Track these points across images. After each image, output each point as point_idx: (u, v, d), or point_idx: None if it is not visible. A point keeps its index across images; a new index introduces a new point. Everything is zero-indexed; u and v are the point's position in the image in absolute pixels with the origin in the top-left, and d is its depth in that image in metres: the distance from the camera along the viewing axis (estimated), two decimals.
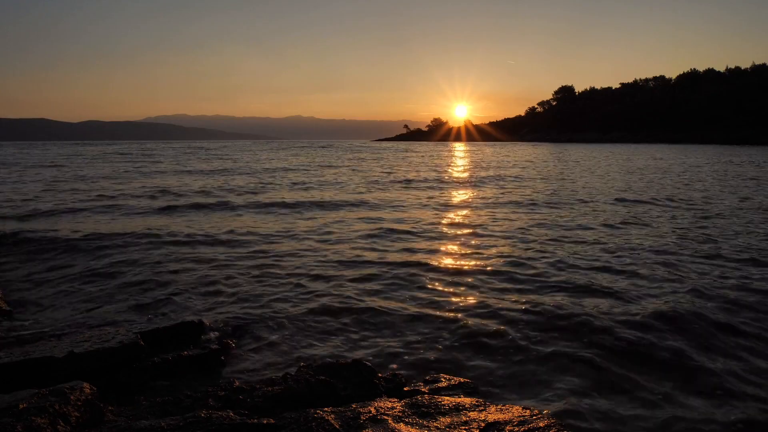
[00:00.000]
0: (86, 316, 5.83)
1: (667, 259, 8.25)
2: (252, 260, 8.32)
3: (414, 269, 7.75)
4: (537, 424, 3.08)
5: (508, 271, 7.63)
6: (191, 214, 13.48)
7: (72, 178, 24.68)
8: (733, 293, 6.48)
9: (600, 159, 43.48)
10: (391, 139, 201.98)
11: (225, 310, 5.99)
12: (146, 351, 4.42)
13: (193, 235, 10.45)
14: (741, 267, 7.83)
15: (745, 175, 25.88)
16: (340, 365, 4.14)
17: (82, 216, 13.00)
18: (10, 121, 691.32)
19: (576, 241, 9.70)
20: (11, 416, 2.92)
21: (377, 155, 55.48)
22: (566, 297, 6.41)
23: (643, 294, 6.53)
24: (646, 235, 10.33)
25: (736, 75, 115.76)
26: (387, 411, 3.26)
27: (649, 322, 5.51)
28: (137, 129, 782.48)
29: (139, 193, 17.97)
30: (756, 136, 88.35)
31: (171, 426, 3.04)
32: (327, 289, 6.77)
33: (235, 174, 27.26)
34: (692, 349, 4.94)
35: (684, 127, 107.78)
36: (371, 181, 23.46)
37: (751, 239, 9.85)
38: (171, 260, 8.32)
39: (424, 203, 15.84)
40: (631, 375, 4.45)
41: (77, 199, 16.28)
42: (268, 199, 16.40)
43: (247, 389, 3.79)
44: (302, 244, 9.61)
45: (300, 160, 42.33)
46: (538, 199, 16.42)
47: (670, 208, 14.39)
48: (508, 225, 11.63)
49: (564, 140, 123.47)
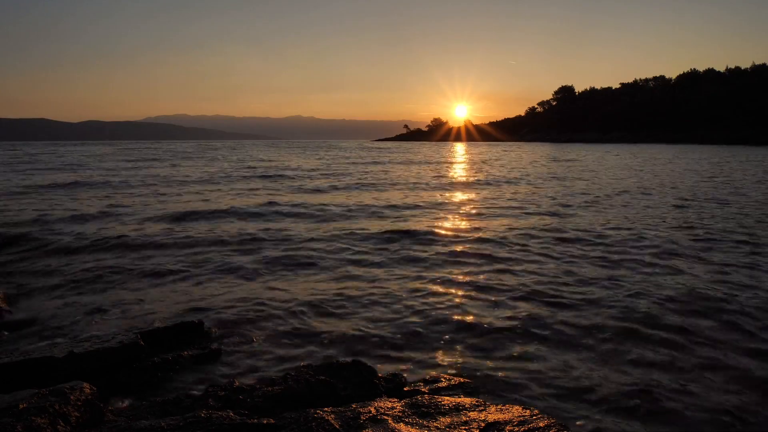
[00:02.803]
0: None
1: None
2: (254, 256, 8.33)
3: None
4: (537, 424, 3.08)
5: (511, 269, 7.65)
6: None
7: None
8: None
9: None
10: (390, 139, 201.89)
11: (225, 310, 5.99)
12: (146, 351, 4.43)
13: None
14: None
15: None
16: (340, 365, 4.14)
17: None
18: (10, 121, 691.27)
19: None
20: (11, 416, 2.92)
21: (404, 155, 54.77)
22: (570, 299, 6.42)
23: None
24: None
25: (736, 75, 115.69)
26: (387, 411, 3.26)
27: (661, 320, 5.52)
28: (137, 129, 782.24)
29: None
30: (756, 136, 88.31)
31: (171, 426, 3.04)
32: (328, 290, 6.78)
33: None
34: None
35: (684, 127, 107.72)
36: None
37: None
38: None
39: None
40: (633, 372, 4.45)
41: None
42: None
43: (247, 389, 3.79)
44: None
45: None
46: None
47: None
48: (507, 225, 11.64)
49: (564, 140, 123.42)
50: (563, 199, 16.55)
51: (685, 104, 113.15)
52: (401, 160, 43.31)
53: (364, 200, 16.30)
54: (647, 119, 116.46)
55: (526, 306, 6.09)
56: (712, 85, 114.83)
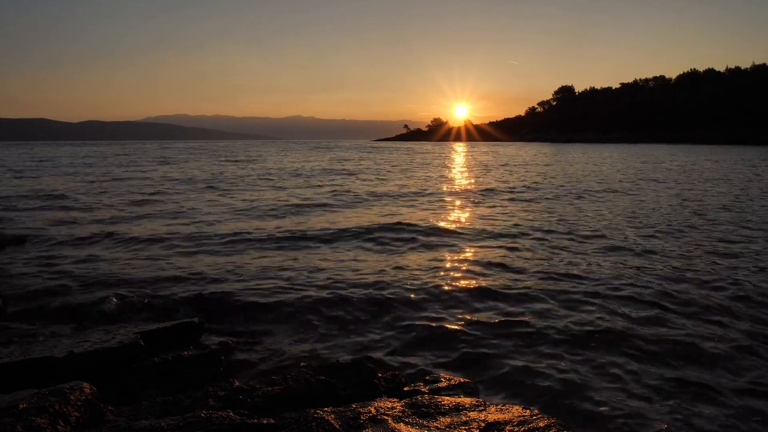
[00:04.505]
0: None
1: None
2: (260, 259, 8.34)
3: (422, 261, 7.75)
4: (537, 424, 3.08)
5: (512, 266, 7.64)
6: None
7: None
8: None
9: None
10: (390, 139, 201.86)
11: (225, 310, 5.99)
12: (146, 351, 4.42)
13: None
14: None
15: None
16: (340, 365, 4.14)
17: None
18: (10, 121, 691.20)
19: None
20: (11, 416, 2.92)
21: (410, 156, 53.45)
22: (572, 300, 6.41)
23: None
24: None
25: (736, 75, 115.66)
26: (387, 411, 3.26)
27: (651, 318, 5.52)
28: (137, 129, 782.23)
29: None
30: (756, 136, 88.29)
31: (171, 426, 3.04)
32: (329, 289, 6.77)
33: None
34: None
35: (684, 127, 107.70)
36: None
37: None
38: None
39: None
40: (634, 371, 4.45)
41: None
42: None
43: (247, 389, 3.79)
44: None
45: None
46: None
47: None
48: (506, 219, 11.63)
49: (564, 140, 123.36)
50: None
51: (685, 104, 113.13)
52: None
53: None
54: (647, 119, 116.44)
55: (527, 306, 6.09)
56: (712, 85, 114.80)
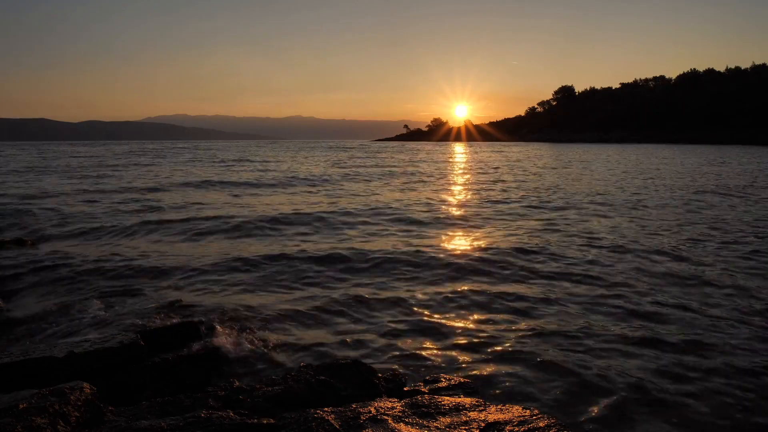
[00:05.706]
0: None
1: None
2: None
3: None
4: (537, 424, 3.08)
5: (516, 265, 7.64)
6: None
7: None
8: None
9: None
10: (391, 139, 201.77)
11: (226, 310, 5.99)
12: (146, 351, 4.42)
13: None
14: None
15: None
16: (340, 365, 4.13)
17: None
18: (10, 121, 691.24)
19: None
20: (11, 416, 2.92)
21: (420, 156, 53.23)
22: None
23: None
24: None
25: (736, 75, 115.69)
26: (387, 411, 3.26)
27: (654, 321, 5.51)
28: (137, 129, 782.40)
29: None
30: (756, 136, 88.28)
31: (171, 426, 3.04)
32: (329, 290, 6.77)
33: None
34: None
35: (684, 127, 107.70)
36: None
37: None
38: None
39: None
40: (634, 373, 4.45)
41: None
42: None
43: (247, 389, 3.78)
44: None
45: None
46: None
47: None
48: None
49: (564, 140, 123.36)
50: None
51: (685, 104, 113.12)
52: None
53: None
54: (647, 119, 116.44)
55: (526, 306, 6.09)
56: (712, 85, 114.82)
